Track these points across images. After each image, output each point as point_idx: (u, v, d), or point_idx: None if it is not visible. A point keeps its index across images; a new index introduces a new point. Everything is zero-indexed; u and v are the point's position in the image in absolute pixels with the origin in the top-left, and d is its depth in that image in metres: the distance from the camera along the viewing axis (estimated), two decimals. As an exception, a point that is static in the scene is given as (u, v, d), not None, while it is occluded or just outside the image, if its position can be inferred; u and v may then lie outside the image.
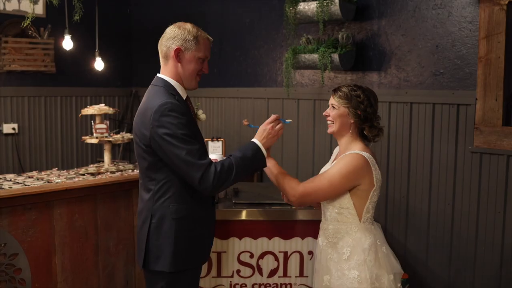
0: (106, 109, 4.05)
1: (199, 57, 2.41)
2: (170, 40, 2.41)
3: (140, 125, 2.33)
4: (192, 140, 2.25)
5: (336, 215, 2.47)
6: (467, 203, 3.40)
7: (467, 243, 3.41)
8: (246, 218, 2.89)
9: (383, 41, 3.76)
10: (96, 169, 3.93)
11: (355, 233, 2.44)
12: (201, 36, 2.43)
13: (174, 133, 2.21)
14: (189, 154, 2.20)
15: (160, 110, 2.23)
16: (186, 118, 2.29)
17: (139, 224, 2.47)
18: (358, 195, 2.42)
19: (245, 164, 2.32)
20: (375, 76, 3.82)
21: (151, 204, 2.38)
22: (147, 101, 2.35)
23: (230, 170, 2.27)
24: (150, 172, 2.37)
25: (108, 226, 3.52)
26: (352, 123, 2.48)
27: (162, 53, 2.45)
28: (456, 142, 3.43)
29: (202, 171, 2.22)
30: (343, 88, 2.50)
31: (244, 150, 2.35)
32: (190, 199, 2.39)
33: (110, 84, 5.45)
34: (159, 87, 2.38)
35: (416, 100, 3.60)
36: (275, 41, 4.42)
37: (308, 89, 4.22)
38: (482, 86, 3.30)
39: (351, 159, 2.40)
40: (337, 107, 2.49)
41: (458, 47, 3.40)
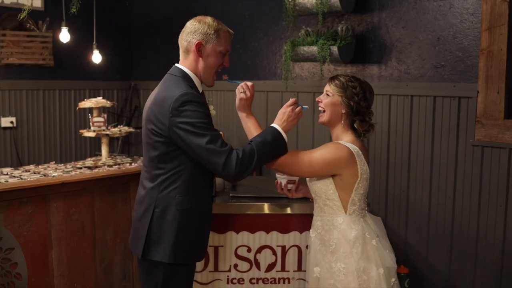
0: (103, 102, 4.02)
1: (220, 51, 2.42)
2: (190, 34, 2.41)
3: (157, 114, 2.31)
4: (212, 128, 2.28)
5: (323, 206, 2.45)
6: (468, 198, 3.36)
7: (468, 237, 3.38)
8: (243, 212, 2.86)
9: (383, 33, 3.71)
10: (94, 162, 3.90)
11: (341, 225, 2.41)
12: (221, 30, 2.43)
13: (194, 122, 2.22)
14: (210, 142, 2.21)
15: (180, 100, 2.23)
16: (205, 109, 2.30)
17: (140, 212, 2.44)
18: (342, 186, 2.40)
19: (266, 149, 2.31)
20: (375, 69, 3.78)
21: (156, 193, 2.37)
22: (165, 90, 2.35)
23: (252, 155, 2.26)
24: (160, 162, 2.36)
25: (105, 220, 3.50)
26: (343, 114, 2.44)
27: (183, 47, 2.45)
28: (457, 135, 3.40)
29: (225, 157, 2.22)
30: (340, 77, 2.47)
31: (265, 135, 2.35)
32: (195, 192, 2.39)
33: (109, 77, 5.40)
34: (177, 77, 2.39)
35: (416, 93, 3.56)
36: (275, 34, 4.38)
37: (307, 82, 4.18)
38: (483, 78, 3.26)
39: (335, 149, 2.38)
40: (331, 95, 2.45)
41: (459, 39, 3.36)
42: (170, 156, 2.34)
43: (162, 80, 2.46)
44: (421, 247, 3.60)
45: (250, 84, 2.51)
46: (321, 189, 2.42)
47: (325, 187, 2.41)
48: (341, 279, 2.36)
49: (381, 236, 2.50)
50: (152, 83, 5.49)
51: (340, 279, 2.36)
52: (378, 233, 2.48)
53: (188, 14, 2.65)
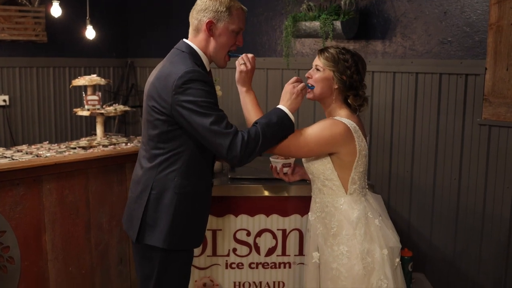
0: (97, 79, 3.89)
1: (233, 30, 2.28)
2: (201, 12, 2.27)
3: (160, 90, 2.20)
4: (218, 108, 2.17)
5: (322, 187, 2.34)
6: (474, 178, 3.30)
7: (474, 219, 3.32)
8: (242, 194, 2.77)
9: (388, 7, 3.59)
10: (88, 142, 3.79)
11: (342, 206, 2.31)
12: (234, 7, 2.29)
13: (199, 100, 2.11)
14: (215, 123, 2.10)
15: (185, 77, 2.12)
16: (212, 88, 2.19)
17: (136, 193, 2.34)
18: (340, 165, 2.29)
19: (272, 131, 2.19)
20: (379, 45, 3.66)
21: (154, 174, 2.27)
22: (170, 66, 2.23)
23: (257, 138, 2.15)
24: (160, 141, 2.25)
25: (100, 202, 3.40)
26: (335, 89, 2.31)
27: (193, 25, 2.31)
28: (463, 114, 3.32)
29: (230, 139, 2.11)
30: (330, 49, 2.33)
31: (270, 116, 2.23)
32: (195, 175, 2.29)
33: (105, 54, 5.29)
34: (184, 53, 2.26)
35: (422, 70, 3.47)
36: (275, 9, 4.24)
37: (309, 59, 4.05)
38: (492, 54, 3.17)
39: (331, 125, 2.26)
40: (321, 69, 2.31)
41: (467, 13, 3.26)
42: (171, 135, 2.23)
43: (168, 55, 2.34)
44: (425, 229, 3.53)
45: (251, 56, 2.37)
46: (319, 169, 2.31)
47: (322, 167, 2.30)
48: (344, 263, 2.27)
49: (383, 215, 2.40)
50: (149, 61, 5.49)
51: (343, 263, 2.27)
52: (380, 212, 2.38)
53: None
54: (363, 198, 2.34)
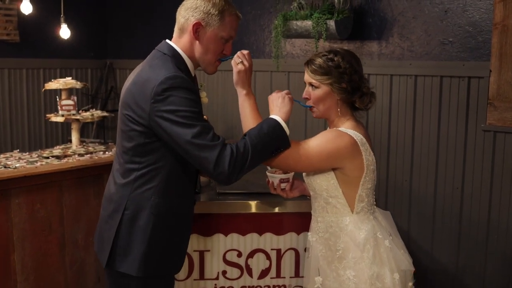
0: (73, 83, 3.63)
1: (222, 37, 2.03)
2: (190, 11, 2.02)
3: (137, 97, 1.95)
4: (202, 118, 1.94)
5: (325, 205, 2.12)
6: (479, 188, 3.14)
7: (478, 231, 3.16)
8: (232, 211, 2.55)
9: (384, 6, 3.40)
10: (62, 151, 3.53)
11: (347, 226, 2.09)
12: (228, 11, 2.04)
13: (181, 110, 1.87)
14: (200, 135, 1.87)
15: (166, 83, 1.89)
16: (196, 96, 1.95)
17: (107, 212, 2.10)
18: (346, 181, 2.07)
19: (263, 143, 1.95)
20: (375, 46, 3.47)
21: (128, 191, 2.02)
22: (149, 70, 1.98)
23: (247, 152, 1.92)
24: (135, 155, 2.01)
25: (75, 216, 3.19)
26: (339, 100, 2.09)
27: (179, 24, 2.06)
28: (466, 119, 3.16)
29: (217, 152, 1.87)
30: (316, 60, 2.08)
31: (260, 127, 2.00)
32: (175, 194, 2.05)
33: (82, 55, 5.03)
34: (165, 56, 2.02)
35: (421, 72, 3.30)
36: (263, 7, 4.03)
37: (299, 60, 3.84)
38: (497, 56, 3.01)
39: (335, 137, 2.04)
40: (317, 85, 2.08)
41: (470, 12, 3.10)
42: (148, 148, 1.99)
43: (148, 57, 2.09)
44: (426, 241, 3.37)
45: (246, 52, 2.13)
46: (322, 185, 2.09)
47: (326, 183, 2.07)
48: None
49: (393, 234, 2.20)
50: (130, 62, 5.24)
51: None
52: (390, 231, 2.16)
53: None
54: (371, 217, 2.12)
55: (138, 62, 2.16)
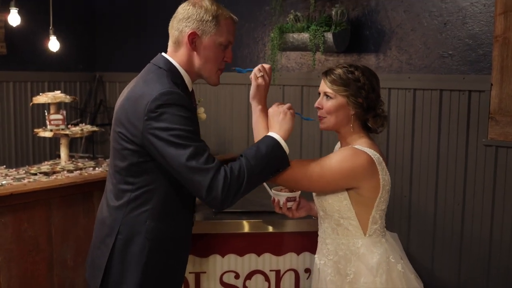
0: (61, 97, 3.53)
1: (220, 43, 1.93)
2: (183, 21, 1.92)
3: (130, 114, 1.84)
4: (198, 138, 1.82)
5: (335, 226, 2.02)
6: (480, 204, 3.08)
7: (480, 248, 3.10)
8: (229, 231, 2.45)
9: (381, 18, 3.35)
10: (51, 167, 3.43)
11: (359, 249, 2.00)
12: (222, 16, 1.92)
13: (175, 128, 1.76)
14: (193, 156, 1.75)
15: (160, 99, 1.78)
16: (192, 113, 1.86)
17: (100, 237, 1.98)
18: (360, 202, 1.98)
19: (260, 164, 1.84)
20: (372, 59, 3.41)
21: (121, 214, 1.90)
22: (143, 85, 1.87)
23: (242, 175, 1.80)
24: (129, 175, 1.90)
25: (64, 236, 3.07)
26: (353, 115, 2.01)
27: (173, 37, 1.96)
28: (467, 134, 3.11)
29: (210, 176, 1.75)
30: (336, 70, 2.01)
31: (257, 147, 1.89)
32: (171, 216, 1.94)
33: (71, 67, 4.93)
34: (161, 70, 1.92)
35: (420, 86, 3.24)
36: (257, 19, 3.96)
37: (295, 73, 3.78)
38: (498, 69, 2.97)
39: (352, 156, 1.95)
40: (333, 96, 2.00)
41: (470, 24, 3.06)
42: (142, 168, 1.88)
43: (142, 71, 1.99)
44: (426, 259, 3.30)
45: (268, 66, 2.04)
46: (333, 206, 1.99)
47: (338, 203, 1.98)
48: None
49: (403, 257, 2.11)
50: (120, 75, 5.14)
51: None
52: (400, 254, 2.08)
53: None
54: (383, 240, 2.03)
55: (128, 75, 2.07)
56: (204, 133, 4.12)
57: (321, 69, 3.58)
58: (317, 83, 3.60)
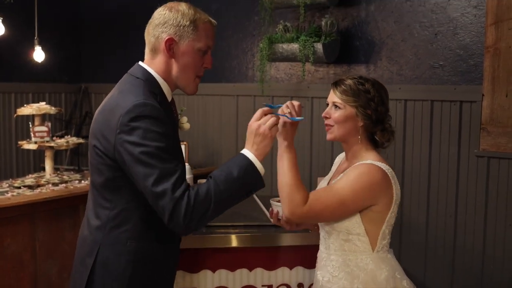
0: (46, 108, 3.46)
1: (199, 48, 1.84)
2: (159, 27, 1.82)
3: (103, 126, 1.76)
4: (169, 158, 1.70)
5: (343, 243, 1.97)
6: (472, 215, 3.07)
7: (473, 260, 3.08)
8: (220, 245, 2.40)
9: (372, 28, 3.35)
10: (35, 180, 3.35)
11: (368, 265, 1.95)
12: (200, 20, 1.84)
13: (146, 144, 1.67)
14: (159, 180, 1.65)
15: (133, 112, 1.69)
16: (167, 127, 1.74)
17: (81, 255, 1.88)
18: (371, 217, 1.94)
19: (230, 189, 1.74)
20: (362, 70, 3.40)
21: (101, 235, 1.79)
22: (118, 96, 1.80)
23: (208, 201, 1.69)
24: (106, 191, 1.80)
25: (49, 251, 3.01)
26: (361, 127, 1.98)
27: (150, 44, 1.87)
28: (459, 145, 3.10)
29: (173, 203, 1.65)
30: (347, 81, 1.99)
31: (229, 168, 1.77)
32: (154, 236, 1.83)
33: (56, 79, 4.86)
34: (138, 80, 1.83)
35: (411, 96, 3.24)
36: (245, 30, 3.93)
37: (284, 84, 3.76)
38: (489, 80, 2.97)
39: (367, 172, 1.90)
40: (342, 106, 1.96)
41: (461, 35, 3.06)
42: (119, 184, 1.78)
43: (119, 82, 1.91)
44: (418, 272, 3.27)
45: (297, 104, 1.92)
46: (343, 223, 1.95)
47: (348, 221, 1.93)
48: None
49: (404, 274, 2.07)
50: (106, 86, 5.00)
51: None
52: None
53: (146, 4, 2.17)
54: (389, 255, 2.00)
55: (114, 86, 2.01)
56: (192, 145, 4.14)
57: (310, 80, 3.58)
58: (305, 93, 3.61)
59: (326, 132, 2.04)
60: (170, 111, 1.88)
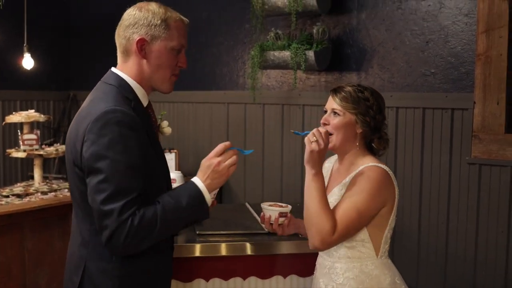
0: (36, 116, 3.42)
1: (172, 47, 1.77)
2: (129, 28, 1.76)
3: (73, 136, 1.70)
4: (129, 175, 1.63)
5: (347, 250, 1.95)
6: (464, 222, 3.07)
7: (465, 266, 3.07)
8: (214, 254, 2.34)
9: (363, 36, 3.35)
10: (24, 189, 3.29)
11: (372, 271, 1.95)
12: (172, 18, 1.78)
13: (107, 156, 1.60)
14: (110, 199, 1.59)
15: (102, 119, 1.62)
16: (138, 136, 1.67)
17: (69, 271, 1.81)
18: (375, 222, 1.94)
19: (176, 216, 1.68)
20: (354, 77, 3.40)
21: (86, 251, 1.72)
22: (89, 104, 1.73)
23: (152, 226, 1.63)
24: (84, 205, 1.71)
25: (38, 261, 2.94)
26: (359, 134, 1.98)
27: (121, 47, 1.80)
28: (450, 152, 3.10)
29: (117, 225, 1.59)
30: (346, 88, 2.00)
31: (179, 195, 1.71)
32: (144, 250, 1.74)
33: (44, 86, 4.81)
34: (110, 87, 1.76)
35: (403, 104, 3.23)
36: (236, 37, 3.91)
37: (275, 92, 3.74)
38: (481, 87, 2.98)
39: (374, 175, 1.91)
40: (341, 113, 1.96)
41: (452, 43, 3.07)
42: None
43: (92, 90, 1.83)
44: (410, 279, 3.23)
45: (323, 131, 1.90)
46: None
47: None
48: None
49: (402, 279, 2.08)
50: (94, 94, 5.02)
51: None
52: None
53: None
54: (390, 261, 2.00)
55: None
56: (182, 152, 4.11)
57: (301, 87, 3.57)
58: (297, 101, 3.60)
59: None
60: (147, 116, 1.81)
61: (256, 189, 3.86)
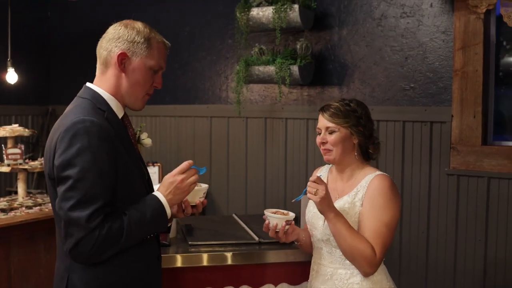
0: (20, 130, 3.39)
1: (151, 67, 1.81)
2: (112, 41, 1.79)
3: (47, 148, 1.74)
4: (98, 183, 1.64)
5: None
6: (444, 232, 3.14)
7: (445, 275, 3.13)
8: (205, 263, 2.37)
9: (344, 52, 3.42)
10: (8, 204, 3.25)
11: (375, 276, 2.02)
12: (155, 39, 1.82)
13: (76, 164, 1.62)
14: (76, 206, 1.61)
15: (72, 129, 1.64)
16: (107, 145, 1.68)
17: (54, 286, 1.82)
18: None
19: (140, 228, 1.72)
20: (335, 92, 3.47)
21: (68, 261, 1.71)
22: (62, 117, 1.76)
23: (118, 237, 1.66)
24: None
25: (24, 275, 2.91)
26: (356, 144, 2.08)
27: (101, 58, 1.82)
28: (430, 163, 3.18)
29: (83, 234, 1.61)
30: (333, 104, 2.09)
31: (144, 208, 1.73)
32: (125, 257, 1.74)
33: (23, 101, 4.75)
34: (84, 100, 1.78)
35: (383, 117, 3.31)
36: (219, 52, 3.96)
37: (258, 106, 3.79)
38: (458, 101, 3.08)
39: (384, 184, 2.01)
40: (336, 129, 2.05)
41: (430, 59, 3.17)
42: None
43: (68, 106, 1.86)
44: None
45: (315, 178, 1.97)
46: None
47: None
48: None
49: None
50: (74, 108, 4.97)
51: None
52: None
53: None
54: (384, 266, 2.08)
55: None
56: (165, 166, 4.11)
57: (284, 101, 3.64)
58: (279, 115, 3.66)
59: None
60: (122, 127, 1.82)
61: (240, 201, 3.90)
